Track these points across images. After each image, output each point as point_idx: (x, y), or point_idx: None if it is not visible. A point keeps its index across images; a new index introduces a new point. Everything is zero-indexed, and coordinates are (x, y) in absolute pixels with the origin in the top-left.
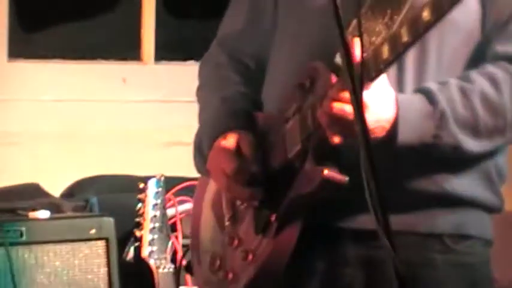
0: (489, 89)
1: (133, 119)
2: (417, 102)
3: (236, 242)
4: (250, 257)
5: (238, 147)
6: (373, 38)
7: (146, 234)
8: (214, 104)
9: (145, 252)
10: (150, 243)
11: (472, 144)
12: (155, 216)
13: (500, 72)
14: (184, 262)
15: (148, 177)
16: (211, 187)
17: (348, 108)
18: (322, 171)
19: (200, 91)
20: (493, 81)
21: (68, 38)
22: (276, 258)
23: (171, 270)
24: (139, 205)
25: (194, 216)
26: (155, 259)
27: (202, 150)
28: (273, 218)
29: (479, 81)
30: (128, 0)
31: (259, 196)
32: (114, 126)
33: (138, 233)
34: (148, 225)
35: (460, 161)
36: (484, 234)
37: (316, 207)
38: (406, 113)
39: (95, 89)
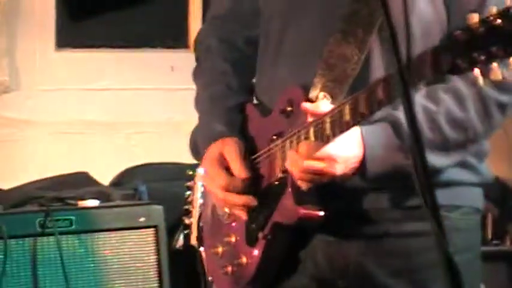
0: (454, 106)
1: (181, 106)
2: (383, 136)
3: (233, 241)
4: (244, 260)
5: (223, 157)
6: (346, 65)
7: (195, 221)
8: (204, 104)
9: (194, 239)
10: (198, 229)
11: (444, 162)
12: (203, 203)
13: (464, 86)
14: None
15: (197, 165)
16: None
17: (316, 165)
18: (298, 211)
19: (195, 75)
20: (458, 98)
21: (115, 27)
22: (265, 268)
23: None
24: (188, 193)
25: (205, 208)
26: None
27: (199, 153)
28: (261, 236)
29: (445, 99)
30: None
31: (254, 202)
32: (163, 114)
33: (187, 221)
34: (197, 212)
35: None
36: (474, 203)
37: None
38: (373, 150)
39: (143, 78)
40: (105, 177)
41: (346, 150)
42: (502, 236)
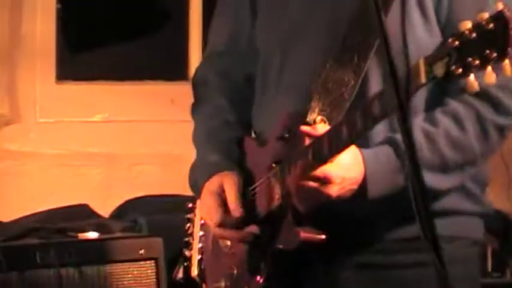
0: (453, 128)
1: (181, 138)
2: (384, 158)
3: (235, 272)
4: None
5: (222, 190)
6: (343, 89)
7: (195, 253)
8: (201, 138)
9: (194, 271)
10: (199, 263)
11: (444, 184)
12: (204, 235)
13: (462, 108)
14: None
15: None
16: None
17: (312, 183)
18: (299, 234)
19: (193, 110)
20: (457, 119)
21: (115, 60)
22: None
23: None
24: (188, 225)
25: (206, 240)
26: None
27: (197, 190)
28: (263, 265)
29: (443, 121)
30: (175, 21)
31: (250, 237)
32: (163, 146)
33: (187, 253)
34: (197, 244)
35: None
36: (471, 235)
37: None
38: (374, 172)
39: (144, 110)
40: (105, 209)
41: (344, 171)
42: (502, 269)
